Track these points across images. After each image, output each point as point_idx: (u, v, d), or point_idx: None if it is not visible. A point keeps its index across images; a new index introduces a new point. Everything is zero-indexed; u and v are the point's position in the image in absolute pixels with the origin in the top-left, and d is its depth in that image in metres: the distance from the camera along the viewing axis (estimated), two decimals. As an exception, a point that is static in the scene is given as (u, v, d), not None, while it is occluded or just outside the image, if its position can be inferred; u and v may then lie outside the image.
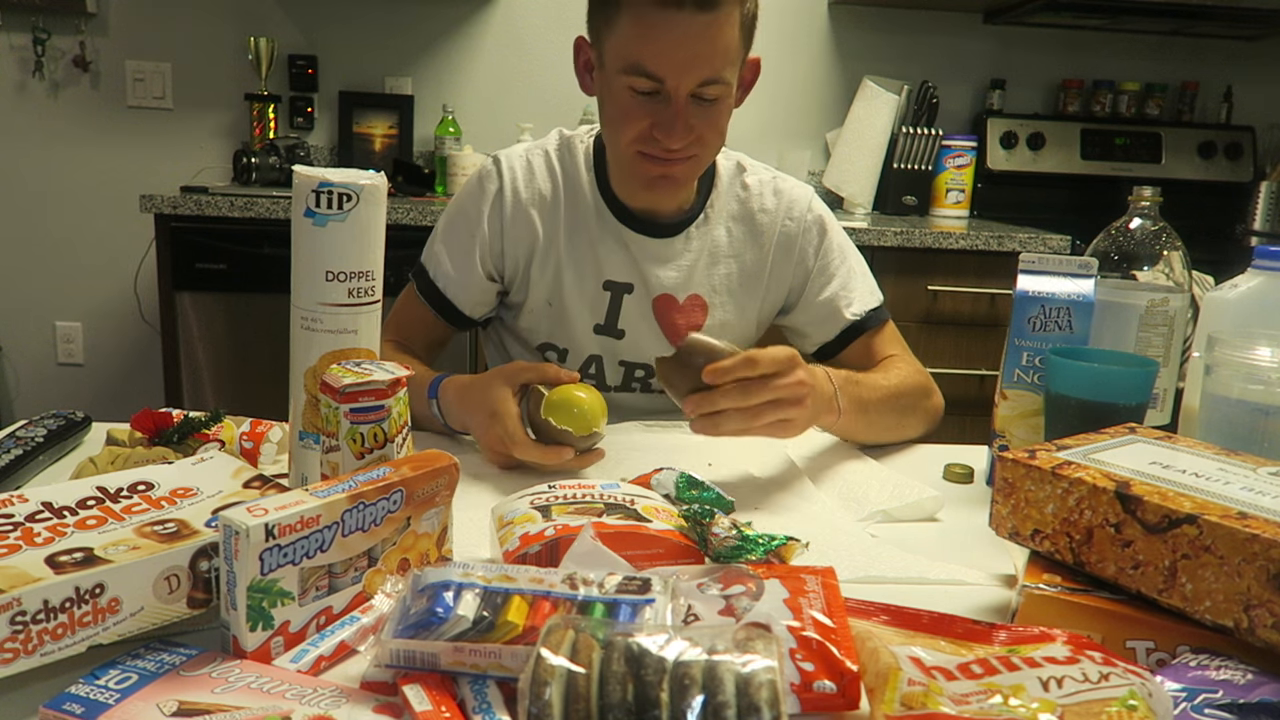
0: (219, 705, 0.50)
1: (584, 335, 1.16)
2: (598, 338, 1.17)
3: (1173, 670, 0.52)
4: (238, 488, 0.67)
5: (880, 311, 1.19)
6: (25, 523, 0.59)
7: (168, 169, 2.73)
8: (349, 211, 0.72)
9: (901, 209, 2.77)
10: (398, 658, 0.53)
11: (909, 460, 1.04)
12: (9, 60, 2.66)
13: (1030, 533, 0.65)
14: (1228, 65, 2.94)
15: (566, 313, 1.15)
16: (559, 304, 1.15)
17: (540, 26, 2.77)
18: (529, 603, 0.54)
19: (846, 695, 0.51)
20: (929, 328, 1.14)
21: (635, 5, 0.99)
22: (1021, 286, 0.92)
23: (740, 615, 0.56)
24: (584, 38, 1.12)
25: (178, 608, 0.57)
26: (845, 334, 1.18)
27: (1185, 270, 0.96)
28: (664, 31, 0.98)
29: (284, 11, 2.71)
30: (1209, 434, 0.81)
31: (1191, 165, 2.85)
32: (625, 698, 0.44)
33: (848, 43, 2.84)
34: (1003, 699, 0.47)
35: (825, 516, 0.85)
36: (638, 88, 1.02)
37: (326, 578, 0.58)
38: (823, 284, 1.19)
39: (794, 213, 1.19)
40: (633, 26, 1.00)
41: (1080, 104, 2.90)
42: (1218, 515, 0.55)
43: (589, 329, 1.16)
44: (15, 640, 0.50)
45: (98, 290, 2.79)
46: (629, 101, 1.03)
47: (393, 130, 2.75)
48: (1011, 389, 0.92)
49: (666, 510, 0.71)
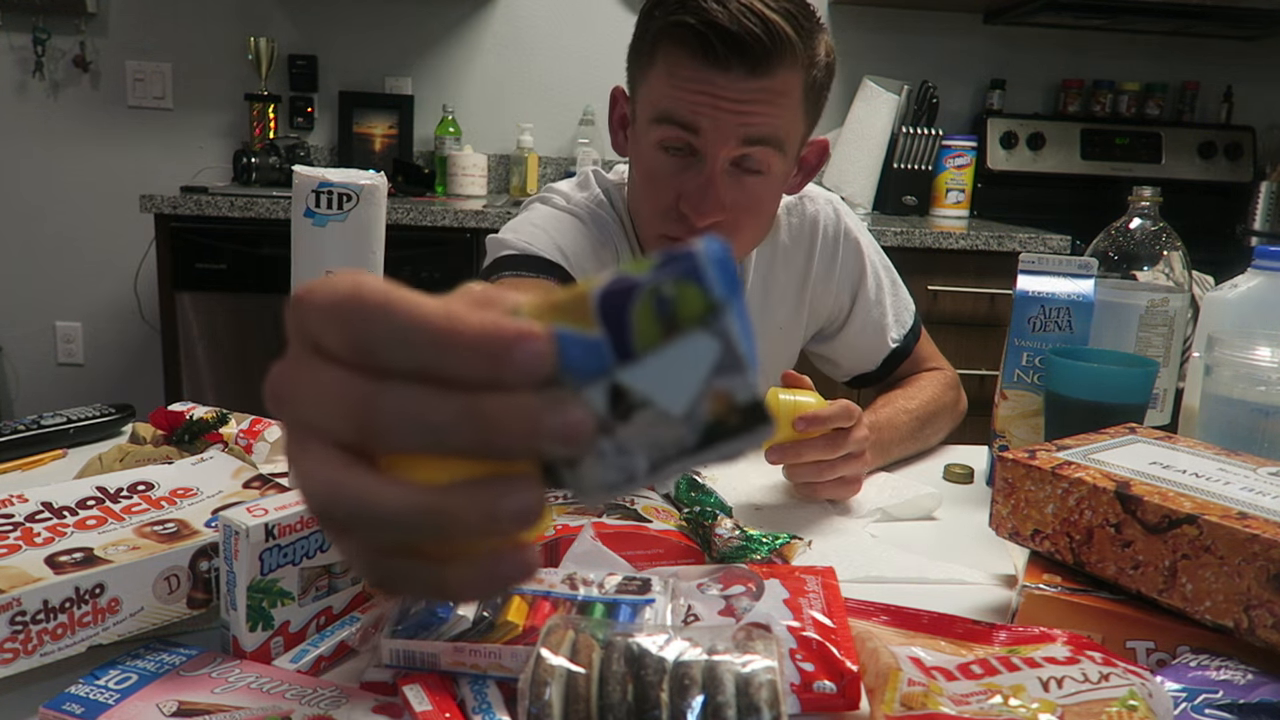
0: (219, 705, 0.50)
1: None
2: None
3: (1173, 670, 0.52)
4: (238, 488, 0.67)
5: (916, 326, 1.15)
6: (25, 523, 0.58)
7: (168, 169, 2.73)
8: (349, 211, 0.72)
9: (901, 209, 2.77)
10: (398, 658, 0.53)
11: (908, 460, 1.04)
12: (9, 60, 2.66)
13: (1030, 533, 0.65)
14: (1228, 65, 2.94)
15: None
16: None
17: (540, 26, 2.77)
18: (529, 603, 0.54)
19: (846, 695, 0.51)
20: (929, 328, 1.15)
21: (672, 56, 0.85)
22: (1021, 286, 0.92)
23: (740, 615, 0.56)
24: (622, 89, 0.98)
25: (178, 608, 0.57)
26: (886, 362, 1.13)
27: (1185, 270, 0.96)
28: (704, 88, 0.84)
29: (284, 11, 2.71)
30: (1209, 434, 0.81)
31: (1191, 165, 2.85)
32: (625, 698, 0.44)
33: (848, 43, 2.84)
34: (1003, 699, 0.47)
35: (824, 516, 0.85)
36: (668, 141, 0.88)
37: (326, 578, 0.58)
38: (864, 317, 1.12)
39: (828, 235, 1.10)
40: (668, 79, 0.86)
41: (1080, 104, 2.90)
42: (1218, 515, 0.55)
43: None
44: (15, 640, 0.50)
45: (98, 290, 2.79)
46: (657, 163, 0.89)
47: (393, 130, 2.75)
48: (1011, 389, 0.92)
49: (666, 510, 0.71)
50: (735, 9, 0.82)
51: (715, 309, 0.26)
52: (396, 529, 0.26)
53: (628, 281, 0.27)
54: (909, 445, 1.02)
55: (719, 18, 0.82)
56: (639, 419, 0.27)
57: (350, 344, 0.27)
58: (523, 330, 0.26)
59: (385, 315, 0.26)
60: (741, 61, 0.83)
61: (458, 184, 2.65)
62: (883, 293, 1.14)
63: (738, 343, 0.26)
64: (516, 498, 0.26)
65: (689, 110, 0.85)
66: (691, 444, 0.27)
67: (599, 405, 0.27)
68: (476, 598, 0.28)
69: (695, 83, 0.84)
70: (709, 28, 0.82)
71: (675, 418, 0.27)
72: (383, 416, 0.26)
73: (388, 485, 0.26)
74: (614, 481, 0.28)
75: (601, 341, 0.27)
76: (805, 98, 0.88)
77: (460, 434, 0.26)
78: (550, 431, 0.26)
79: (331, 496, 0.26)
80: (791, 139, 0.90)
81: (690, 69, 0.84)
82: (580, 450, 0.27)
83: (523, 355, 0.26)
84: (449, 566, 0.27)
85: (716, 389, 0.27)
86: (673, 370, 0.27)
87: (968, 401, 1.17)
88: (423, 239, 2.24)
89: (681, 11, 0.84)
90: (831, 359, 1.18)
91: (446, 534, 0.26)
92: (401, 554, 0.28)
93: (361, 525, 0.26)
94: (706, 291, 0.26)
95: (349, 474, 0.26)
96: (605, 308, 0.27)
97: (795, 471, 0.86)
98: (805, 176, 0.99)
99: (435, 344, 0.26)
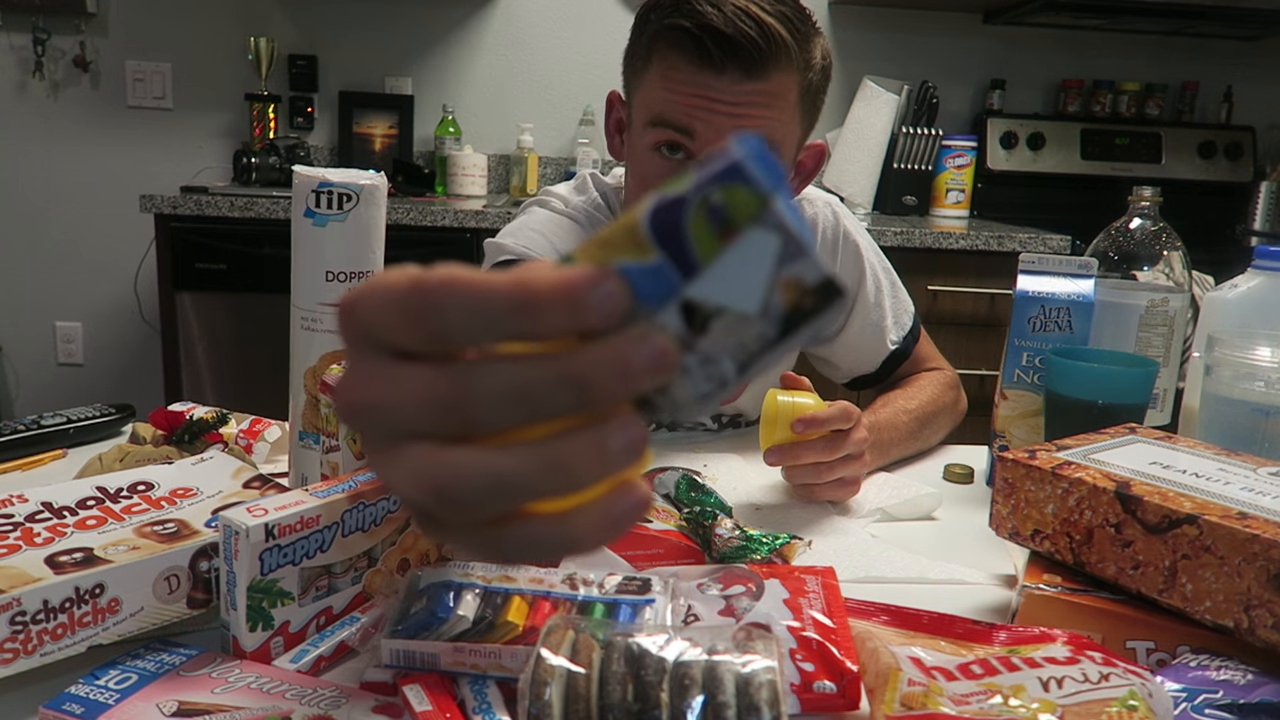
0: (219, 705, 0.50)
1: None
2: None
3: (1173, 670, 0.52)
4: (238, 488, 0.67)
5: (915, 327, 1.16)
6: (25, 523, 0.59)
7: (168, 169, 2.73)
8: (349, 211, 0.72)
9: (901, 209, 2.77)
10: (398, 658, 0.53)
11: (908, 460, 1.04)
12: (9, 60, 2.67)
13: (1030, 533, 0.65)
14: (1228, 65, 2.94)
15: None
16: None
17: (540, 26, 2.77)
18: (529, 603, 0.54)
19: (846, 695, 0.51)
20: (929, 328, 1.15)
21: (667, 60, 0.85)
22: (1021, 286, 0.92)
23: (740, 615, 0.56)
24: (617, 93, 0.97)
25: (178, 608, 0.57)
26: (886, 364, 1.14)
27: (1185, 270, 0.96)
28: (699, 90, 0.84)
29: (284, 11, 2.71)
30: (1209, 434, 0.81)
31: (1191, 165, 2.85)
32: (625, 698, 0.44)
33: (848, 43, 2.84)
34: (1003, 699, 0.47)
35: (824, 516, 0.85)
36: (662, 141, 0.87)
37: (326, 578, 0.58)
38: (863, 319, 1.12)
39: (826, 237, 1.09)
40: (663, 82, 0.86)
41: (1080, 104, 2.90)
42: (1218, 515, 0.55)
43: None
44: (15, 640, 0.50)
45: (98, 290, 2.79)
46: (653, 166, 0.89)
47: (393, 130, 2.75)
48: (1011, 389, 0.92)
49: (666, 510, 0.71)
50: (730, 12, 0.82)
51: (766, 203, 0.26)
52: (520, 490, 0.26)
53: (674, 199, 0.26)
54: (909, 445, 1.02)
55: (714, 21, 0.82)
56: (717, 327, 0.27)
57: (426, 335, 0.26)
58: (591, 274, 0.26)
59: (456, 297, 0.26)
60: (737, 64, 0.83)
61: (458, 184, 2.65)
62: (882, 295, 1.13)
63: (793, 228, 0.26)
64: (623, 434, 0.26)
65: (684, 113, 0.85)
66: (774, 336, 0.28)
67: (675, 326, 0.27)
68: (602, 543, 0.28)
69: (690, 86, 0.84)
70: (704, 31, 0.82)
71: (752, 316, 0.27)
72: (480, 401, 0.26)
73: (502, 452, 0.26)
74: (707, 391, 0.28)
75: (664, 264, 0.27)
76: (801, 101, 0.88)
77: (560, 397, 0.26)
78: (640, 368, 0.26)
79: (450, 479, 0.26)
80: (788, 142, 0.90)
81: (685, 72, 0.84)
82: (670, 376, 0.27)
83: (599, 298, 0.26)
84: (569, 519, 0.28)
85: (786, 278, 0.27)
86: (739, 273, 0.27)
87: (968, 401, 1.17)
88: (423, 239, 2.24)
89: (677, 15, 0.84)
90: (830, 361, 1.17)
91: (567, 485, 0.27)
92: (519, 522, 0.28)
93: (486, 498, 0.27)
94: (754, 188, 0.26)
95: (462, 454, 0.26)
96: (659, 230, 0.27)
97: (794, 473, 0.86)
98: (803, 181, 0.99)
99: (514, 310, 0.26)
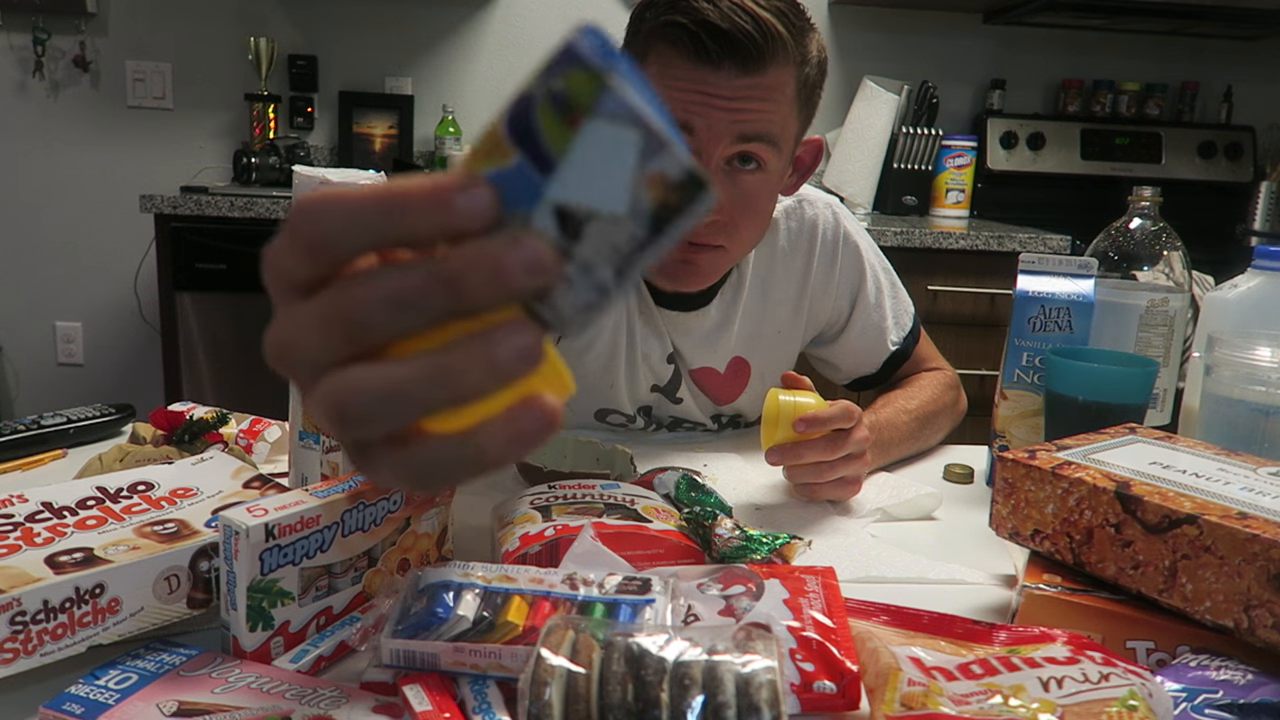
0: (219, 705, 0.50)
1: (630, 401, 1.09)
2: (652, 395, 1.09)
3: (1173, 670, 0.52)
4: (238, 488, 0.67)
5: (915, 327, 1.16)
6: (25, 523, 0.59)
7: (168, 169, 2.73)
8: (349, 211, 0.72)
9: (901, 209, 2.77)
10: (398, 658, 0.53)
11: (908, 460, 1.04)
12: (9, 60, 2.66)
13: (1030, 533, 0.65)
14: (1228, 65, 2.94)
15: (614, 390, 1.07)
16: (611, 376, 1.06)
17: (540, 26, 2.77)
18: (529, 603, 0.54)
19: (846, 695, 0.51)
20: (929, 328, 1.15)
21: (664, 56, 0.85)
22: (1021, 286, 0.92)
23: (740, 615, 0.56)
24: None
25: (178, 608, 0.57)
26: (886, 364, 1.14)
27: (1185, 270, 0.96)
28: (696, 87, 0.84)
29: (284, 11, 2.71)
30: (1209, 434, 0.81)
31: (1191, 165, 2.85)
32: (625, 698, 0.44)
33: (848, 42, 2.84)
34: (1003, 699, 0.47)
35: (824, 516, 0.85)
36: None
37: (326, 578, 0.58)
38: (863, 320, 1.12)
39: (826, 239, 1.08)
40: (660, 79, 0.85)
41: (1080, 104, 2.90)
42: (1218, 515, 0.55)
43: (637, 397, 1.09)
44: (15, 640, 0.50)
45: (98, 290, 2.79)
46: None
47: (393, 130, 2.75)
48: (1011, 389, 0.92)
49: (667, 510, 0.71)
50: (726, 8, 0.82)
51: (602, 79, 0.27)
52: (414, 400, 0.27)
53: (524, 96, 0.27)
54: (909, 445, 1.02)
55: (710, 16, 0.82)
56: (590, 231, 0.28)
57: (308, 249, 0.28)
58: (457, 177, 0.27)
59: (330, 204, 0.27)
60: (734, 59, 0.83)
61: (458, 184, 2.65)
62: (882, 296, 1.13)
63: (647, 118, 0.27)
64: (510, 340, 0.27)
65: (682, 110, 0.85)
66: (643, 235, 0.28)
67: (551, 231, 0.28)
68: (510, 458, 0.29)
69: (688, 82, 0.84)
70: (701, 27, 0.82)
71: (621, 216, 0.28)
72: (359, 310, 0.27)
73: (393, 363, 0.27)
74: (589, 300, 0.29)
75: (523, 163, 0.27)
76: (798, 95, 0.89)
77: (435, 297, 0.27)
78: (514, 267, 0.27)
79: (346, 395, 0.27)
80: (785, 136, 0.90)
81: (683, 68, 0.84)
82: (548, 279, 0.28)
83: (466, 200, 0.27)
84: (472, 434, 0.28)
85: (649, 174, 0.27)
86: (598, 167, 0.27)
87: (968, 401, 1.17)
88: (423, 239, 2.24)
89: (672, 12, 0.84)
90: (831, 362, 1.17)
91: (458, 393, 0.27)
92: (422, 441, 0.29)
93: (380, 410, 0.27)
94: (589, 68, 0.27)
95: (356, 369, 0.28)
96: (514, 129, 0.27)
97: (795, 472, 0.86)
98: (801, 177, 0.99)
99: (382, 212, 0.27)
